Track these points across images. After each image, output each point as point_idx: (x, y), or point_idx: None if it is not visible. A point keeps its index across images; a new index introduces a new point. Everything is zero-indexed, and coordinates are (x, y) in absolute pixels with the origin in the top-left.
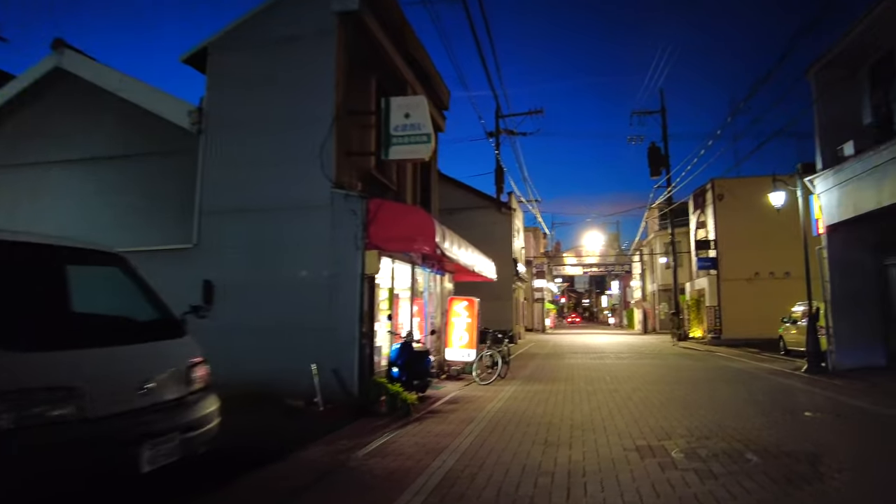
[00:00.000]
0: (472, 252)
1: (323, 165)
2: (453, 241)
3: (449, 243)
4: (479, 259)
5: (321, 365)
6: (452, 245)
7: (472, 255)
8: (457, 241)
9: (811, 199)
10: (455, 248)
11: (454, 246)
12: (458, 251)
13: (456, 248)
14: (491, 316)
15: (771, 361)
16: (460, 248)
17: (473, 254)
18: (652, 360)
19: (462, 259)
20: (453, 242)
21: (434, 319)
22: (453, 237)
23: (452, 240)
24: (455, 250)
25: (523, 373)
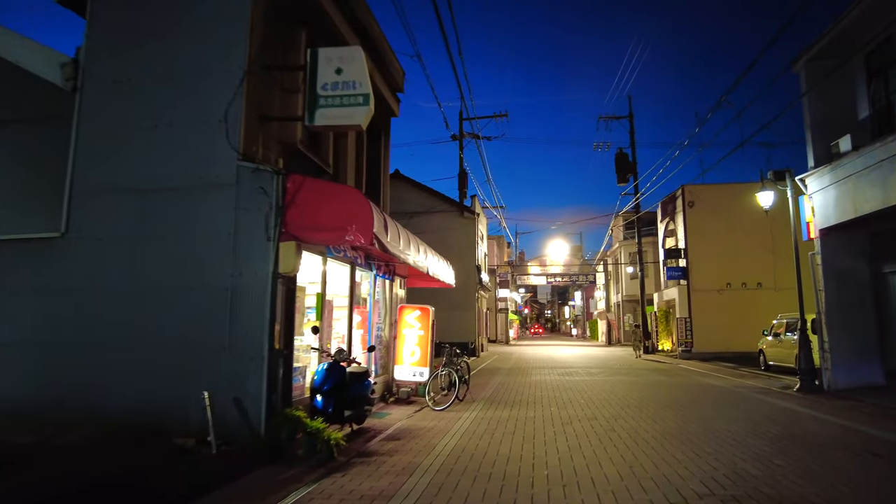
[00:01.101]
0: (426, 252)
1: (228, 132)
2: (401, 235)
3: (394, 237)
4: (435, 261)
5: (219, 392)
6: (399, 240)
7: (427, 256)
8: (406, 236)
9: (801, 201)
10: (403, 245)
11: (402, 242)
12: (409, 249)
13: (404, 245)
14: (452, 327)
15: (753, 378)
16: (411, 246)
17: (428, 255)
18: (625, 377)
19: (414, 259)
20: (401, 237)
21: (381, 332)
22: (402, 232)
23: (400, 234)
24: (403, 247)
25: (485, 393)
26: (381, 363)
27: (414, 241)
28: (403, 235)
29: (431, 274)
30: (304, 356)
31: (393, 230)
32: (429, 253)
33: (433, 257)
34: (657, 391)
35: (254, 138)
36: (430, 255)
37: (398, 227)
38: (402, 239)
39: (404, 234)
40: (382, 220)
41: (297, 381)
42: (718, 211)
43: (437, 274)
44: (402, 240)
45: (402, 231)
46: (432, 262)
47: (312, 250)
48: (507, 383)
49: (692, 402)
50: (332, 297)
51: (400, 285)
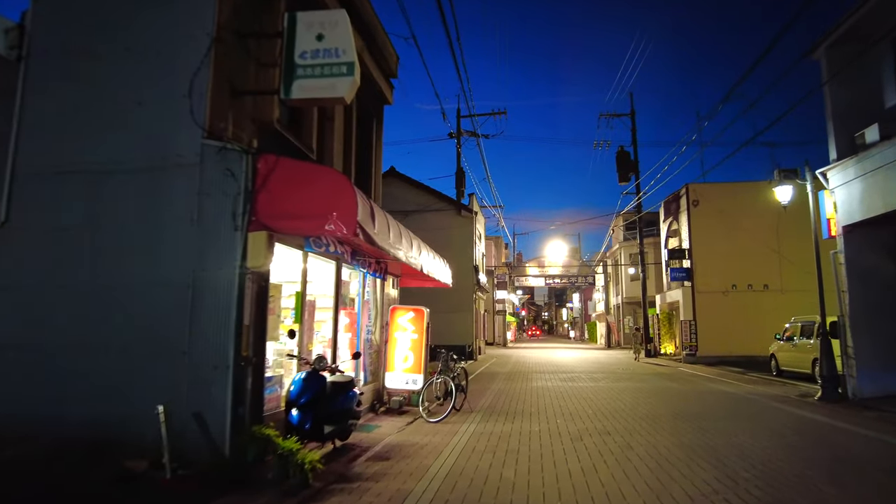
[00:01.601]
0: (420, 248)
1: (192, 107)
2: (391, 228)
3: (383, 229)
4: (430, 259)
5: (178, 405)
6: (389, 233)
7: (421, 253)
8: (398, 229)
9: (821, 196)
10: (393, 238)
11: (392, 235)
12: (400, 244)
13: (395, 238)
14: (449, 329)
15: (766, 384)
16: (402, 240)
17: (423, 251)
18: (632, 383)
19: (406, 255)
20: (391, 230)
21: (371, 336)
22: (392, 224)
23: (390, 227)
24: (394, 241)
25: (483, 401)
26: (370, 370)
27: (406, 235)
28: (394, 228)
29: (426, 272)
30: (284, 363)
31: (381, 221)
32: (423, 249)
33: (428, 254)
34: (669, 400)
35: (223, 114)
36: (425, 251)
37: (388, 218)
38: (391, 232)
39: (395, 226)
40: (368, 209)
41: (273, 391)
42: (723, 210)
43: (431, 272)
44: (393, 233)
45: (393, 223)
46: (427, 260)
47: (291, 244)
48: (507, 390)
49: (709, 413)
50: (315, 297)
51: (393, 285)
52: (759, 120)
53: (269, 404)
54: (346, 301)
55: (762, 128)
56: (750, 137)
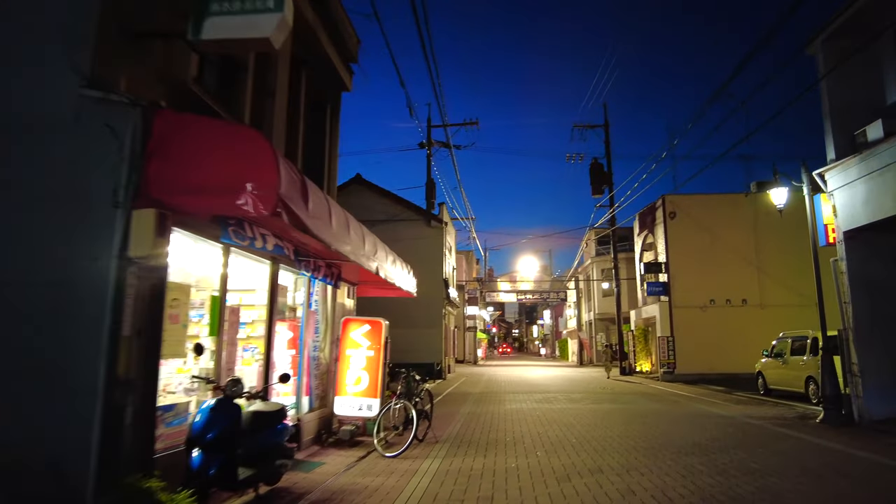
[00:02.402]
0: (376, 246)
1: (69, 48)
2: (333, 214)
3: (320, 212)
4: (390, 262)
5: (26, 447)
6: (331, 219)
7: (377, 251)
8: (345, 218)
9: (817, 201)
10: (337, 226)
11: (336, 222)
12: (347, 235)
13: (339, 227)
14: (416, 346)
15: (758, 405)
16: (350, 231)
17: (379, 249)
18: (614, 405)
19: (355, 251)
20: (333, 216)
21: (319, 352)
22: (336, 210)
23: (332, 212)
24: (338, 230)
25: (451, 428)
26: (317, 393)
27: (358, 229)
28: (339, 215)
29: (383, 276)
30: (203, 387)
31: (319, 203)
32: (380, 249)
33: (387, 256)
34: (660, 425)
35: (116, 63)
36: (382, 251)
37: (329, 202)
38: (334, 218)
39: (340, 213)
40: (298, 184)
41: (181, 422)
42: (701, 223)
43: (391, 277)
44: (336, 220)
45: (337, 209)
46: (385, 262)
47: (205, 234)
48: (479, 414)
49: (713, 443)
50: (241, 305)
51: (349, 294)
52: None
53: (169, 441)
54: (285, 311)
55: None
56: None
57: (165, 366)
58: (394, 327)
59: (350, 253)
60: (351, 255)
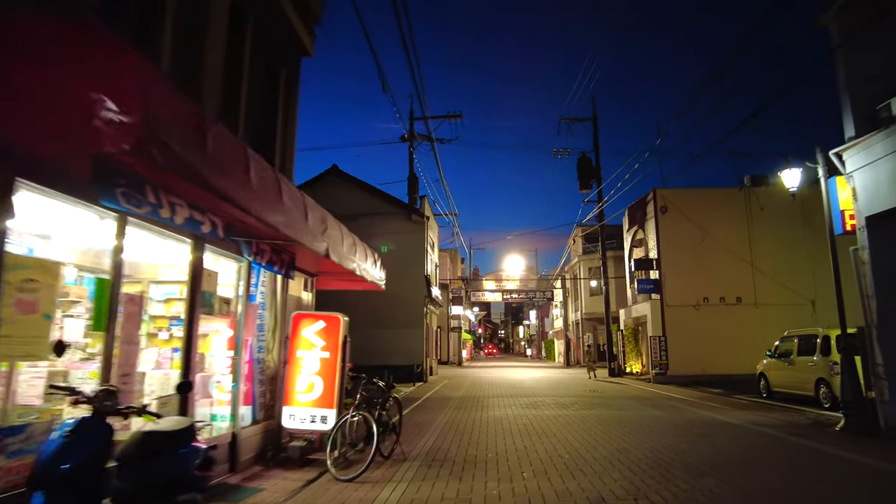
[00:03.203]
0: (326, 222)
1: None
2: (253, 166)
3: (235, 167)
4: (348, 245)
5: None
6: (251, 176)
7: (327, 229)
8: (275, 186)
9: (832, 184)
10: (260, 187)
11: (256, 177)
12: (280, 205)
13: (266, 191)
14: (396, 347)
15: (763, 410)
16: (286, 199)
17: (335, 230)
18: (608, 411)
19: (296, 229)
20: (252, 168)
21: (264, 354)
22: (269, 176)
23: (251, 165)
24: (262, 192)
25: (425, 441)
26: (261, 402)
27: (297, 198)
28: (269, 179)
29: (336, 260)
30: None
31: (231, 150)
32: (336, 228)
33: (345, 238)
34: (662, 436)
35: None
36: (335, 227)
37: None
38: (255, 174)
39: (272, 180)
40: (189, 113)
41: (32, 451)
42: (693, 218)
43: (350, 263)
44: (257, 174)
45: (292, 188)
46: (339, 242)
47: (80, 194)
48: (458, 422)
49: (727, 459)
50: (146, 293)
51: (307, 286)
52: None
53: (14, 478)
54: (214, 303)
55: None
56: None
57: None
58: (371, 327)
59: (279, 224)
60: (279, 227)
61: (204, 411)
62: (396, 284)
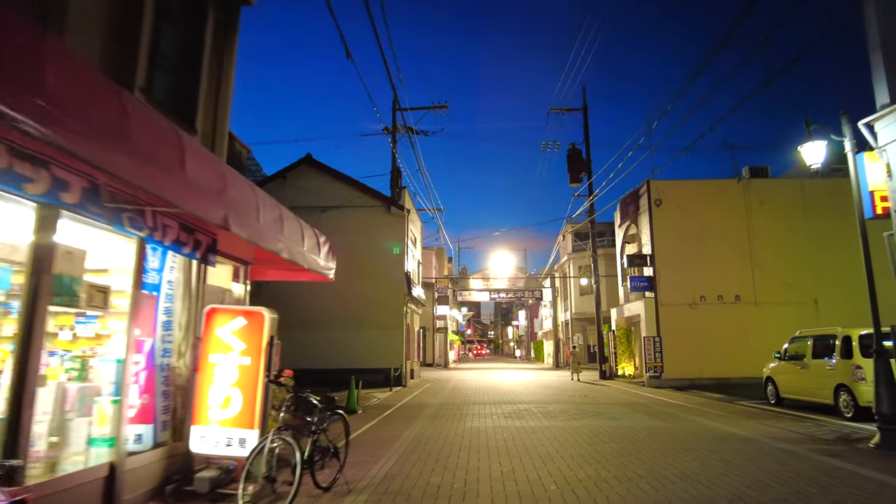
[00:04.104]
0: (241, 186)
1: None
2: (197, 156)
3: (105, 112)
4: (270, 218)
5: None
6: (185, 165)
7: (244, 196)
8: (220, 167)
9: (861, 161)
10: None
11: (150, 137)
12: (154, 157)
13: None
14: (372, 349)
15: (774, 419)
16: (196, 168)
17: (258, 199)
18: (600, 420)
19: (190, 197)
20: (194, 160)
21: (173, 358)
22: (195, 149)
23: (185, 153)
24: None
25: (381, 465)
26: (165, 420)
27: (210, 160)
28: (165, 129)
29: (242, 235)
30: None
31: (90, 88)
32: (237, 181)
33: (256, 201)
34: (667, 454)
35: None
36: (260, 199)
37: (129, 100)
38: (136, 123)
39: (162, 126)
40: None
41: None
42: (689, 211)
43: (266, 240)
44: (141, 126)
45: (157, 120)
46: (248, 209)
47: None
48: (428, 438)
49: (751, 491)
50: None
51: (237, 276)
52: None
53: None
54: (79, 293)
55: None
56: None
57: None
58: (345, 328)
59: (144, 184)
60: (147, 188)
61: (80, 435)
62: (374, 282)
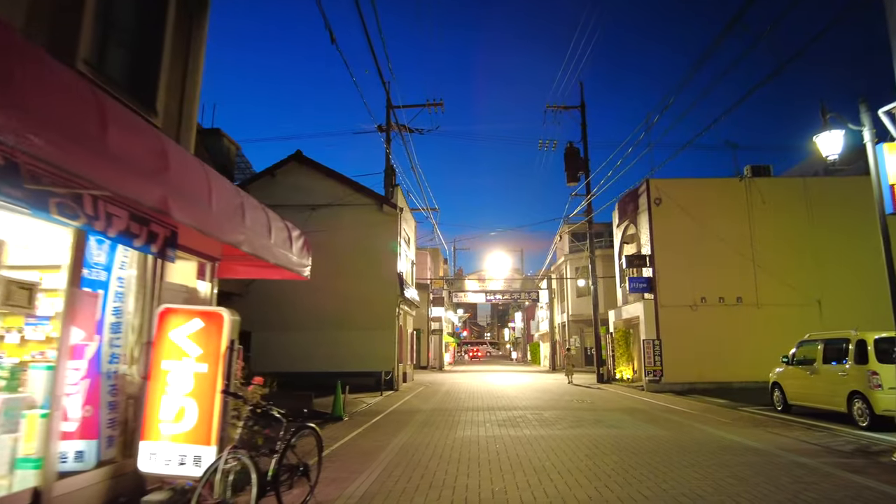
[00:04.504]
0: (183, 159)
1: None
2: (145, 136)
3: None
4: (232, 206)
5: None
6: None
7: (190, 172)
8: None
9: (881, 152)
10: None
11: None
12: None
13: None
14: (362, 352)
15: (783, 428)
16: (139, 145)
17: (194, 166)
18: (600, 430)
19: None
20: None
21: (122, 365)
22: (137, 125)
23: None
24: None
25: (360, 482)
26: (110, 434)
27: (152, 137)
28: (87, 97)
29: (198, 228)
30: None
31: None
32: (184, 161)
33: (206, 185)
34: (675, 469)
35: None
36: (194, 168)
37: (50, 64)
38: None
39: (86, 96)
40: None
41: None
42: (690, 211)
43: (224, 232)
44: (57, 93)
45: (82, 87)
46: (199, 195)
47: None
48: (415, 448)
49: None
50: None
51: (203, 273)
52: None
53: None
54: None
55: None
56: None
57: None
58: (334, 329)
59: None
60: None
61: (3, 455)
62: (365, 282)
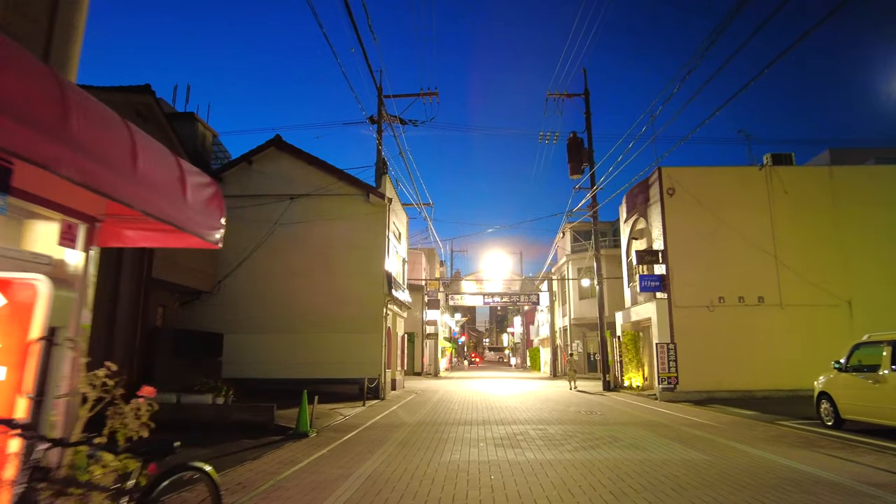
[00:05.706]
0: None
1: None
2: None
3: None
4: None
5: None
6: None
7: None
8: None
9: None
10: None
11: None
12: None
13: None
14: (345, 356)
15: (847, 449)
16: None
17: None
18: (619, 452)
19: None
20: None
21: None
22: None
23: None
24: None
25: None
26: None
27: None
28: None
29: (60, 173)
30: None
31: None
32: None
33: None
34: None
35: None
36: None
37: None
38: None
39: None
40: None
41: None
42: (705, 202)
43: None
44: None
45: None
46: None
47: None
48: (385, 482)
49: None
50: None
51: (73, 238)
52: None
53: None
54: None
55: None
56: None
57: None
58: (312, 331)
59: None
60: None
61: None
62: (348, 279)
